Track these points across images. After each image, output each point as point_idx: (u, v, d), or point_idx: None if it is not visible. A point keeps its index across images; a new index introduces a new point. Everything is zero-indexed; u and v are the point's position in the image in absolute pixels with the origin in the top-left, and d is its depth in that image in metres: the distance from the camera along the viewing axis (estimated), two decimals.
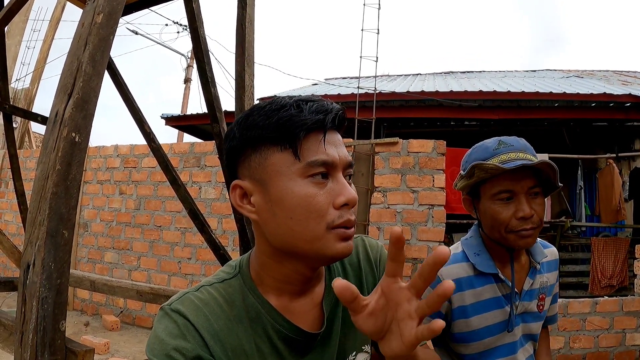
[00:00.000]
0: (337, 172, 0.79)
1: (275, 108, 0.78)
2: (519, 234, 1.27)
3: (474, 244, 1.40)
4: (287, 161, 0.77)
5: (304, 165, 0.77)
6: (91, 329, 5.72)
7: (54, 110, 1.28)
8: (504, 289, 1.36)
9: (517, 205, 1.27)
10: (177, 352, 0.74)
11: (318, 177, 0.77)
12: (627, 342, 4.62)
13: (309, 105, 0.78)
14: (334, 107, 0.80)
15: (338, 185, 0.79)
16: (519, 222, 1.27)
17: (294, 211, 0.77)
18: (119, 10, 1.40)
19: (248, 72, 2.61)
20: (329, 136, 0.80)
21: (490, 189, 1.31)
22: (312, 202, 0.76)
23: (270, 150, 0.78)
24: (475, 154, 1.35)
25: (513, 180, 1.27)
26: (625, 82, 9.81)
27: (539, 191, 1.29)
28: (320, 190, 0.77)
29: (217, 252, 2.84)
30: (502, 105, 7.63)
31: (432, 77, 12.78)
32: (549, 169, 1.25)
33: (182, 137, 13.07)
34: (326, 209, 0.77)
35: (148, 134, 2.96)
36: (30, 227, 1.25)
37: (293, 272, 0.84)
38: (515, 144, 1.31)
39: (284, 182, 0.77)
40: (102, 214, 6.58)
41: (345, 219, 0.78)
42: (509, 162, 1.25)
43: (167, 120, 9.58)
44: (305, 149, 0.77)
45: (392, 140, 4.98)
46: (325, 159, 0.77)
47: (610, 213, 7.13)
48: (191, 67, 15.74)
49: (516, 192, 1.27)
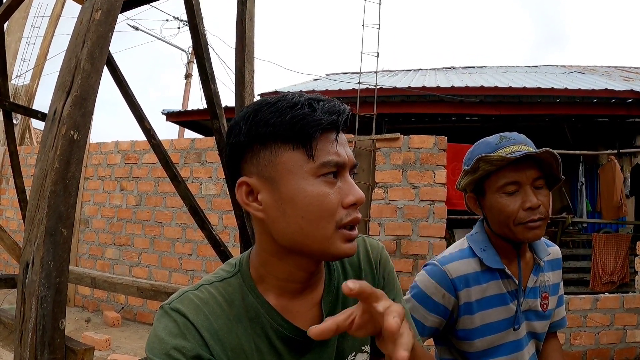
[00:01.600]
0: (345, 172, 0.81)
1: (287, 105, 0.78)
2: (527, 225, 1.27)
3: (479, 240, 1.40)
4: (299, 160, 0.77)
5: (317, 165, 0.77)
6: (92, 325, 5.73)
7: (53, 108, 1.28)
8: (510, 285, 1.36)
9: (523, 196, 1.27)
10: (176, 351, 0.74)
11: (330, 177, 0.78)
12: (627, 339, 4.63)
13: (321, 105, 0.79)
14: (344, 107, 0.82)
15: (346, 185, 0.80)
16: (526, 214, 1.27)
17: (306, 210, 0.77)
18: (118, 7, 1.39)
19: (248, 68, 2.60)
20: (340, 136, 0.81)
21: (496, 182, 1.31)
22: (325, 201, 0.77)
23: (282, 148, 0.78)
24: (478, 150, 1.35)
25: (518, 171, 1.27)
26: (627, 78, 9.79)
27: (543, 184, 1.30)
28: (331, 190, 0.78)
29: (218, 248, 2.84)
30: (504, 100, 7.62)
31: (433, 72, 12.75)
32: (552, 159, 1.26)
33: (183, 133, 13.06)
34: (336, 208, 0.78)
35: (148, 131, 2.96)
36: (29, 225, 1.24)
37: (296, 270, 0.84)
38: (517, 138, 1.32)
39: (296, 180, 0.77)
40: (103, 210, 6.59)
41: (353, 217, 0.80)
42: (513, 154, 1.26)
43: (168, 116, 9.57)
44: (319, 149, 0.78)
45: (393, 136, 4.97)
46: (337, 159, 0.79)
47: (611, 209, 7.13)
48: (192, 62, 15.71)
49: (522, 183, 1.27)
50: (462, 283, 1.33)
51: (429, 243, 4.72)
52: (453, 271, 1.33)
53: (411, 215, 4.80)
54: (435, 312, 1.34)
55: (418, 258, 4.71)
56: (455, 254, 1.40)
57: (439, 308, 1.33)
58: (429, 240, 4.73)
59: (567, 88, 7.47)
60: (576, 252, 7.12)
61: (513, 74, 11.19)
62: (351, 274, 0.97)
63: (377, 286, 0.98)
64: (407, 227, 4.79)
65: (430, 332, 1.36)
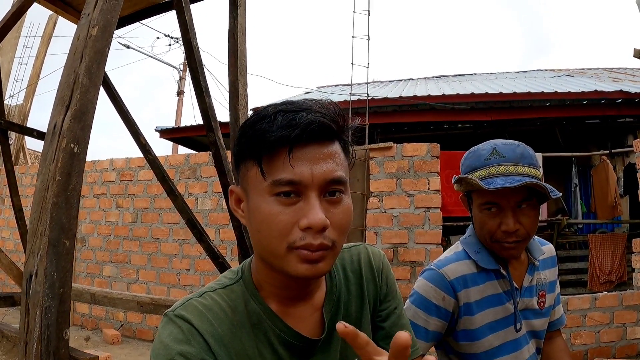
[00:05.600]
0: (309, 191, 0.75)
1: (255, 120, 0.78)
2: (502, 245, 1.30)
3: (472, 242, 1.42)
4: (258, 176, 0.76)
5: (269, 184, 0.75)
6: (92, 344, 5.70)
7: (53, 122, 1.30)
8: (505, 285, 1.37)
9: (502, 218, 1.28)
10: (182, 357, 0.74)
11: (282, 196, 0.75)
12: (628, 336, 4.64)
13: (281, 118, 0.75)
14: (307, 119, 0.74)
15: (307, 206, 0.75)
16: (503, 235, 1.28)
17: (261, 226, 0.76)
18: (114, 23, 1.42)
19: (241, 81, 2.64)
20: (304, 151, 0.75)
21: (477, 198, 1.33)
22: (274, 220, 0.74)
23: (250, 163, 0.78)
24: (469, 160, 1.36)
25: (499, 195, 1.27)
26: (616, 79, 9.88)
27: (530, 204, 1.29)
28: (285, 209, 0.75)
29: (216, 260, 2.85)
30: (495, 106, 7.68)
31: (424, 81, 12.83)
32: (535, 188, 1.25)
33: (176, 149, 13.06)
34: (289, 229, 0.74)
35: (144, 146, 2.98)
36: (31, 237, 1.26)
37: (285, 278, 0.82)
38: (509, 155, 1.29)
39: (256, 196, 0.77)
40: (100, 228, 6.57)
41: (307, 242, 0.74)
42: (495, 178, 1.25)
43: (162, 132, 9.59)
44: (272, 166, 0.75)
45: (386, 145, 5.00)
46: (290, 177, 0.74)
47: (606, 209, 7.16)
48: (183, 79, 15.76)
49: (502, 206, 1.28)
50: (461, 284, 1.34)
51: (425, 250, 4.74)
52: (450, 273, 1.35)
53: (407, 223, 4.82)
54: (437, 315, 1.34)
55: (415, 265, 4.72)
56: (450, 257, 1.41)
57: (440, 311, 1.34)
58: (425, 247, 4.74)
59: (557, 91, 7.55)
60: (573, 253, 7.13)
61: (503, 80, 11.29)
62: (353, 281, 0.97)
63: (379, 293, 0.99)
64: (403, 234, 4.80)
65: (433, 337, 1.36)
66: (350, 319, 0.94)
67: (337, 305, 0.93)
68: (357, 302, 0.96)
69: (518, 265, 1.41)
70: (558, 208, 8.25)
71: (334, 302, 0.93)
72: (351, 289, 0.96)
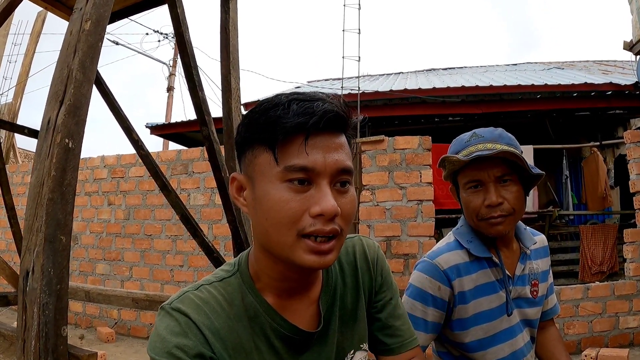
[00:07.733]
0: (321, 179, 0.76)
1: (267, 107, 0.78)
2: (489, 221, 1.32)
3: (464, 232, 1.43)
4: (269, 163, 0.76)
5: (281, 170, 0.75)
6: (86, 342, 5.67)
7: (46, 118, 1.29)
8: (498, 273, 1.39)
9: (484, 193, 1.31)
10: (178, 350, 0.74)
11: (295, 183, 0.75)
12: (620, 326, 4.70)
13: (296, 106, 0.76)
14: (323, 108, 0.76)
15: (319, 193, 0.75)
16: (487, 210, 1.31)
17: (269, 213, 0.76)
18: (106, 17, 1.41)
19: (234, 75, 2.63)
20: (317, 140, 0.76)
21: (462, 179, 1.37)
22: (284, 207, 0.75)
23: (258, 150, 0.78)
24: (453, 147, 1.41)
25: (480, 170, 1.31)
26: (605, 71, 9.94)
27: (511, 179, 1.32)
28: (295, 196, 0.75)
29: (211, 255, 2.84)
30: (485, 99, 7.70)
31: (414, 75, 12.83)
32: (512, 157, 1.28)
33: (167, 146, 12.99)
34: (300, 215, 0.75)
35: (136, 142, 2.97)
36: (27, 234, 1.25)
37: (285, 269, 0.83)
38: (487, 135, 1.34)
39: (265, 183, 0.77)
40: (92, 226, 6.54)
41: (317, 227, 0.75)
42: (474, 154, 1.29)
43: (152, 129, 9.53)
44: (286, 153, 0.75)
45: (377, 138, 5.01)
46: (304, 164, 0.75)
47: (597, 200, 7.22)
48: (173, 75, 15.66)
49: (484, 181, 1.31)
50: (454, 273, 1.36)
51: (418, 242, 4.76)
52: (444, 263, 1.36)
53: (399, 216, 4.84)
54: (434, 305, 1.35)
55: (409, 258, 4.74)
56: (443, 247, 1.43)
57: (437, 301, 1.35)
58: (418, 240, 4.77)
59: (547, 84, 7.58)
60: (564, 244, 7.17)
61: (493, 73, 11.32)
62: (348, 273, 0.98)
63: (374, 284, 1.00)
64: (396, 227, 4.82)
65: (433, 328, 1.37)
66: (346, 311, 0.95)
67: (333, 298, 0.93)
68: (352, 293, 0.97)
69: (510, 254, 1.42)
70: (549, 200, 8.31)
71: (330, 295, 0.93)
72: (347, 281, 0.97)
